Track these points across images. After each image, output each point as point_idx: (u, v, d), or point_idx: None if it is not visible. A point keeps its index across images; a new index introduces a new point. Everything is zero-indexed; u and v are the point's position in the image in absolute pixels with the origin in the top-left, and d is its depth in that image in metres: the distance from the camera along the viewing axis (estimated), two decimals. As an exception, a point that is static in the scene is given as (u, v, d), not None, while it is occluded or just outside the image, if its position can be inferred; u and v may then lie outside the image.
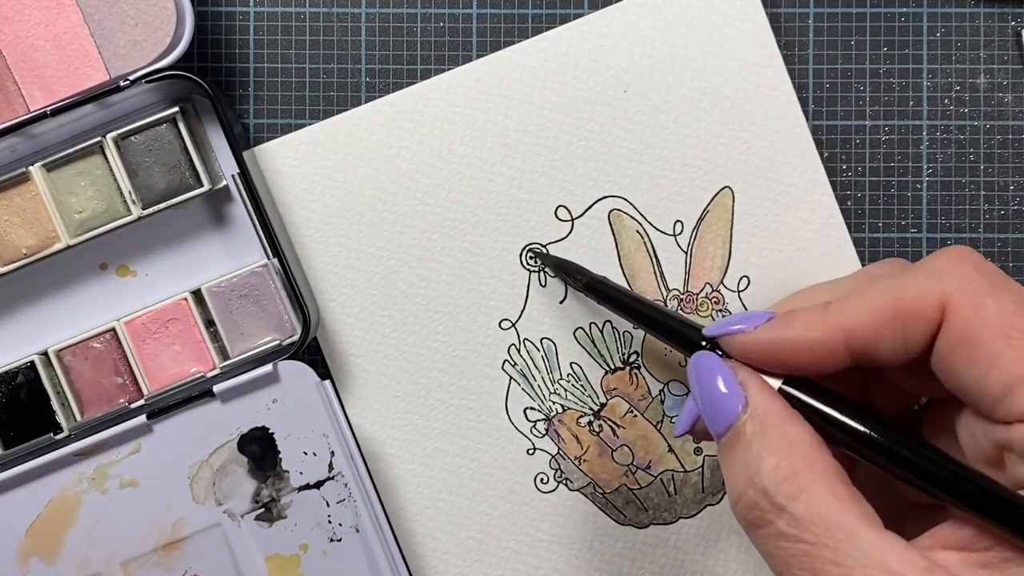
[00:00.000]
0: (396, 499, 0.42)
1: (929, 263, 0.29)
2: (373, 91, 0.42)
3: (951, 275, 0.28)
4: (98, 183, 0.40)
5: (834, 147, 0.42)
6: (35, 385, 0.40)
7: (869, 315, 0.29)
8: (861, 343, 0.29)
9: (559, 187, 0.42)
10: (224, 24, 0.42)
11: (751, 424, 0.29)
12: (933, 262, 0.29)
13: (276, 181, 0.42)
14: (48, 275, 0.42)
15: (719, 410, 0.30)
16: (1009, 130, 0.42)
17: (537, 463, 0.42)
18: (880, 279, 0.30)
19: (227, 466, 0.40)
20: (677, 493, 0.42)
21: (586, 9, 0.42)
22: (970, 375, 0.27)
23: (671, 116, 0.42)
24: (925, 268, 0.29)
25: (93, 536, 0.40)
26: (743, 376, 0.30)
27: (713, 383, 0.30)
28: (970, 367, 0.27)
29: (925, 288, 0.28)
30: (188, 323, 0.41)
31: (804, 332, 0.29)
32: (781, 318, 0.30)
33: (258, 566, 0.40)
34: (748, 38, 0.42)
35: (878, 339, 0.29)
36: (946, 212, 0.42)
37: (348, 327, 0.42)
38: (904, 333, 0.29)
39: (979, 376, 0.27)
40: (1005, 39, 0.42)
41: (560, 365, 0.42)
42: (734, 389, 0.29)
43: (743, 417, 0.29)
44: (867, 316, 0.29)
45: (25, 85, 0.40)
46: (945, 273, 0.28)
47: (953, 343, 0.28)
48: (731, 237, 0.42)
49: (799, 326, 0.30)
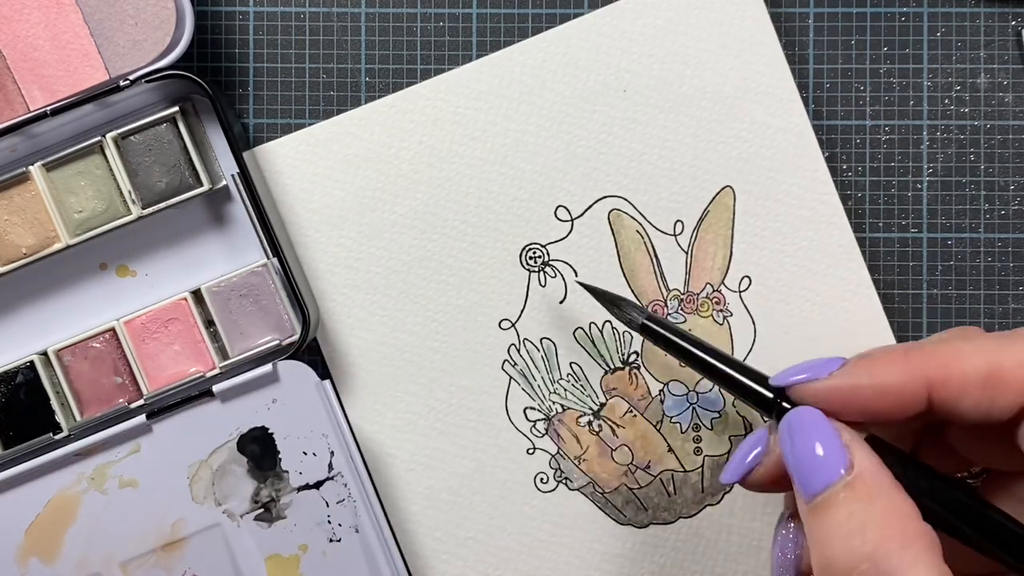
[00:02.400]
0: (396, 499, 0.42)
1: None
2: (373, 91, 0.42)
3: None
4: (98, 183, 0.40)
5: (834, 147, 0.42)
6: (35, 385, 0.40)
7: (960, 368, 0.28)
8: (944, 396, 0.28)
9: (559, 187, 0.42)
10: (224, 24, 0.42)
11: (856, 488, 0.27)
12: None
13: (276, 181, 0.42)
14: (48, 275, 0.42)
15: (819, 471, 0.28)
16: (1009, 130, 0.42)
17: (537, 463, 0.42)
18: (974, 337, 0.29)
19: (226, 466, 0.40)
20: (677, 493, 0.42)
21: (586, 9, 0.42)
22: None
23: (671, 116, 0.42)
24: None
25: (92, 536, 0.40)
26: (847, 438, 0.29)
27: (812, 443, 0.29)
28: None
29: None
30: (188, 323, 0.41)
31: (886, 378, 0.29)
32: (858, 362, 0.29)
33: (257, 566, 0.40)
34: (749, 36, 0.42)
35: (963, 395, 0.28)
36: (946, 212, 0.42)
37: (348, 327, 0.42)
38: (993, 396, 0.28)
39: None
40: (1005, 39, 0.42)
41: (560, 365, 0.42)
42: (838, 450, 0.28)
43: (846, 479, 0.28)
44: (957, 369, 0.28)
45: (25, 85, 0.40)
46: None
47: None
48: (732, 237, 0.42)
49: (880, 371, 0.29)
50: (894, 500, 0.27)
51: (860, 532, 0.27)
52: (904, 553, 0.26)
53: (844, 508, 0.27)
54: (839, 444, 0.28)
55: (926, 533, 0.27)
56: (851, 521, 0.27)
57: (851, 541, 0.27)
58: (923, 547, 0.26)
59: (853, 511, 0.27)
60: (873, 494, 0.27)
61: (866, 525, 0.27)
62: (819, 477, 0.28)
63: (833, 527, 0.27)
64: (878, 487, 0.28)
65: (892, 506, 0.27)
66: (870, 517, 0.27)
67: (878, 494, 0.27)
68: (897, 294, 0.42)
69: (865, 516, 0.27)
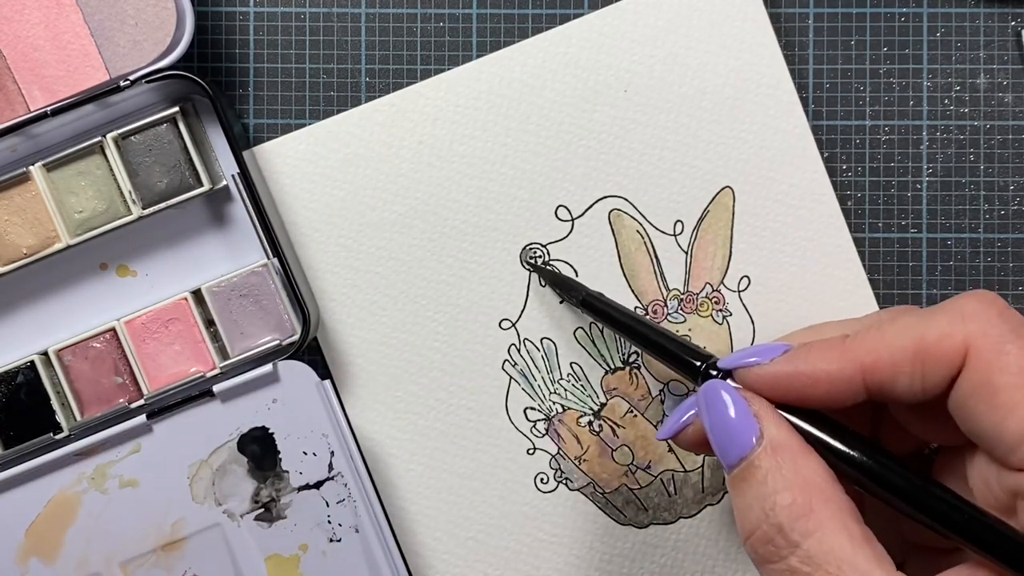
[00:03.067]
0: (396, 499, 0.42)
1: (953, 305, 0.29)
2: (373, 91, 0.42)
3: (975, 319, 0.28)
4: (98, 183, 0.40)
5: (834, 147, 0.42)
6: (35, 385, 0.40)
7: (888, 351, 0.29)
8: (879, 379, 0.29)
9: (559, 187, 0.42)
10: (224, 24, 0.42)
11: (766, 457, 0.28)
12: (957, 305, 0.29)
13: (276, 181, 0.42)
14: (48, 275, 0.42)
15: (732, 441, 0.29)
16: (1009, 130, 0.42)
17: (537, 463, 0.42)
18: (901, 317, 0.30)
19: (227, 466, 0.40)
20: (677, 493, 0.42)
21: (586, 9, 0.42)
22: (988, 420, 0.27)
23: (671, 116, 0.42)
24: (949, 310, 0.29)
25: (92, 536, 0.40)
26: (757, 407, 0.29)
27: (726, 413, 0.30)
28: (988, 412, 0.27)
29: (948, 329, 0.28)
30: (188, 323, 0.41)
31: (822, 365, 0.29)
32: (798, 351, 0.30)
33: (257, 566, 0.40)
34: (749, 37, 0.42)
35: (896, 376, 0.29)
36: (946, 212, 0.42)
37: (348, 327, 0.42)
38: (923, 372, 0.28)
39: (997, 422, 0.27)
40: (1005, 39, 0.42)
41: (560, 365, 0.42)
42: (748, 420, 0.29)
43: (757, 450, 0.29)
44: (886, 352, 0.29)
45: (25, 85, 0.40)
46: (969, 316, 0.28)
47: (972, 387, 0.28)
48: (732, 237, 0.42)
49: (816, 359, 0.30)
50: (802, 468, 0.28)
51: (770, 501, 0.28)
52: (810, 519, 0.27)
53: (756, 478, 0.28)
54: (748, 414, 0.29)
55: (835, 498, 0.28)
56: (762, 490, 0.28)
57: (762, 510, 0.28)
58: (831, 512, 0.27)
59: (764, 480, 0.28)
60: (782, 461, 0.28)
61: (775, 494, 0.28)
62: (734, 447, 0.29)
63: (747, 497, 0.28)
64: (788, 455, 0.28)
65: (799, 473, 0.28)
66: (779, 485, 0.28)
67: (787, 461, 0.28)
68: (896, 294, 0.42)
69: (775, 485, 0.28)
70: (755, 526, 0.28)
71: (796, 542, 0.27)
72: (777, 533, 0.27)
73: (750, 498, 0.28)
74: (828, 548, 0.27)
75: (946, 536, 0.28)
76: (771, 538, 0.28)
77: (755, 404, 0.30)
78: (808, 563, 0.27)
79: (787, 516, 0.27)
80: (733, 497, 0.29)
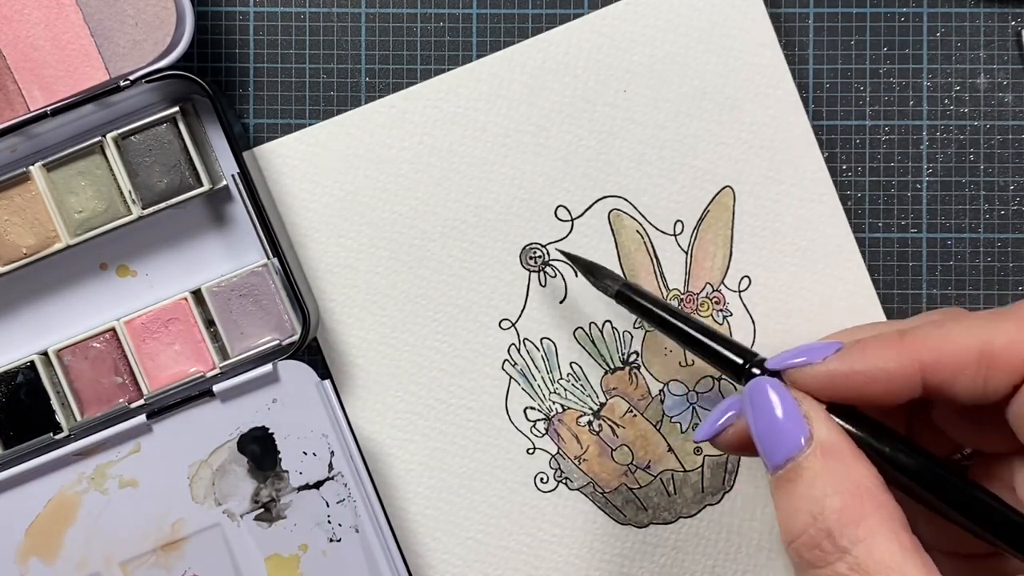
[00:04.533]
0: (396, 499, 0.42)
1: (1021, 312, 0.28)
2: (373, 91, 0.42)
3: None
4: (98, 183, 0.40)
5: (834, 147, 0.42)
6: (35, 385, 0.40)
7: (952, 350, 0.28)
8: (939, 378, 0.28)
9: (559, 187, 0.42)
10: (224, 24, 0.42)
11: (815, 459, 0.28)
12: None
13: (276, 181, 0.42)
14: (48, 275, 0.42)
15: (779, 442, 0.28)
16: (1009, 130, 0.42)
17: (537, 463, 0.42)
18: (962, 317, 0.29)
19: (227, 466, 0.40)
20: (677, 493, 0.42)
21: (586, 9, 0.42)
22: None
23: (671, 116, 0.42)
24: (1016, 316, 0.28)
25: (92, 536, 0.40)
26: (807, 408, 0.29)
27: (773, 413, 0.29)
28: None
29: (1017, 336, 0.28)
30: (188, 323, 0.41)
31: (879, 363, 0.29)
32: (852, 348, 0.29)
33: (257, 566, 0.40)
34: (749, 37, 0.42)
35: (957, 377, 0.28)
36: (946, 212, 0.42)
37: (348, 327, 0.42)
38: (987, 376, 0.28)
39: None
40: (1005, 39, 0.42)
41: (560, 365, 0.42)
42: (797, 421, 0.28)
43: (806, 451, 0.28)
44: (949, 351, 0.28)
45: (25, 85, 0.40)
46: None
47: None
48: (732, 237, 0.42)
49: (873, 357, 0.29)
50: (853, 471, 0.27)
51: (819, 504, 0.27)
52: (860, 525, 0.26)
53: (804, 480, 0.27)
54: (797, 414, 0.28)
55: (886, 505, 0.27)
56: (810, 493, 0.27)
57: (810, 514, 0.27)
58: (881, 519, 0.27)
59: (813, 483, 0.27)
60: (832, 465, 0.27)
61: (825, 497, 0.27)
62: (780, 448, 0.28)
63: (794, 500, 0.28)
64: (838, 458, 0.28)
65: (850, 478, 0.27)
66: (829, 489, 0.27)
67: (837, 465, 0.27)
68: (897, 294, 0.42)
69: (825, 488, 0.27)
70: (801, 530, 0.27)
71: (845, 548, 0.26)
72: (825, 538, 0.27)
73: (796, 501, 0.28)
74: (879, 556, 0.26)
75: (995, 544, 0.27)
76: (818, 543, 0.27)
77: (805, 404, 0.29)
78: (857, 570, 0.26)
79: (837, 521, 0.27)
80: (776, 499, 0.28)
